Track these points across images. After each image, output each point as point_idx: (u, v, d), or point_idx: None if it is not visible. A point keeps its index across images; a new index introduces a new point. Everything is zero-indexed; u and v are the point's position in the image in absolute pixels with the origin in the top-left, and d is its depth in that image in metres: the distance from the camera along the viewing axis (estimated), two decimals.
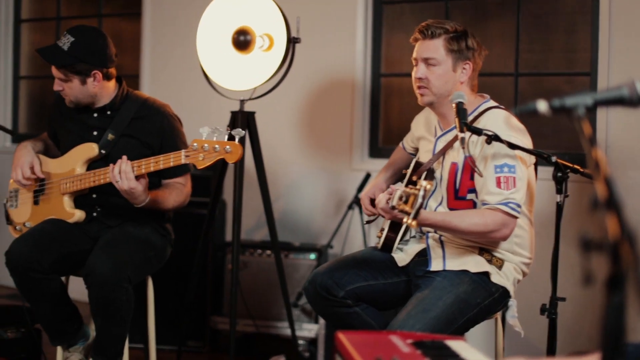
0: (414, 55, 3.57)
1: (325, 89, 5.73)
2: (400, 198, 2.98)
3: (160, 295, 4.42)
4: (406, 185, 3.60)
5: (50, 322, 3.99)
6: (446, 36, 3.50)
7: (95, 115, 4.10)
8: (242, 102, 4.61)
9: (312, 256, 5.20)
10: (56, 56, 3.97)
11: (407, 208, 2.93)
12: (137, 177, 3.77)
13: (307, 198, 5.78)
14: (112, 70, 4.06)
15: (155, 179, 4.03)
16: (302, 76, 5.51)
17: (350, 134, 5.63)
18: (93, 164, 4.05)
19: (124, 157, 3.79)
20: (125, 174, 3.76)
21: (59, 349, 4.06)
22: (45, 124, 4.42)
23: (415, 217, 2.90)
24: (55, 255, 3.89)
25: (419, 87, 3.55)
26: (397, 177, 3.98)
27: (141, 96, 4.17)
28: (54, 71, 4.01)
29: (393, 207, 3.03)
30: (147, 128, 4.05)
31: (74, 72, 3.96)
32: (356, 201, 5.24)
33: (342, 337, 2.38)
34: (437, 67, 3.50)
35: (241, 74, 4.56)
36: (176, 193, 4.04)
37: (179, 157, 3.71)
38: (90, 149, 4.04)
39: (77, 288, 4.29)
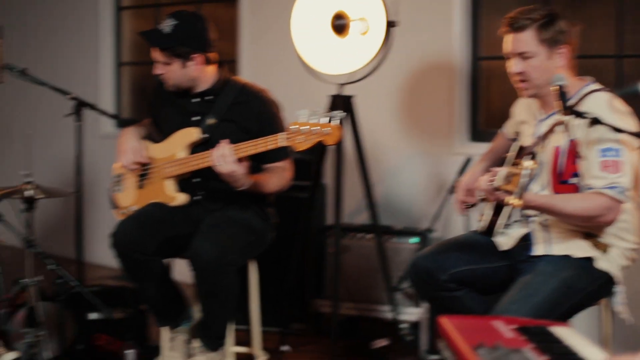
0: (506, 49, 3.48)
1: (424, 72, 5.69)
2: (505, 178, 2.94)
3: (263, 278, 4.46)
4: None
5: (156, 304, 4.08)
6: (535, 26, 3.36)
7: (195, 100, 4.15)
8: (341, 86, 4.62)
9: (414, 240, 5.18)
10: (158, 39, 4.02)
11: (511, 188, 2.90)
12: (238, 161, 3.81)
13: (408, 182, 5.76)
14: (213, 55, 4.09)
15: (256, 163, 4.06)
16: (400, 59, 5.48)
17: (449, 118, 5.59)
18: (195, 149, 4.10)
19: (224, 141, 3.83)
20: (225, 158, 3.80)
21: (165, 330, 4.14)
22: (147, 109, 4.49)
23: (519, 197, 2.86)
24: (159, 238, 3.96)
25: (519, 82, 3.47)
26: (496, 165, 3.91)
27: (240, 81, 4.20)
28: (155, 54, 4.06)
29: (496, 188, 2.99)
30: (246, 113, 4.08)
31: (174, 55, 4.01)
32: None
33: (444, 321, 2.38)
34: (533, 59, 3.38)
35: (339, 58, 4.57)
36: (277, 177, 4.07)
37: (278, 140, 3.74)
38: (191, 134, 4.09)
39: (182, 270, 4.36)
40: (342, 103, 4.60)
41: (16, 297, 4.89)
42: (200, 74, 4.07)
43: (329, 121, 3.64)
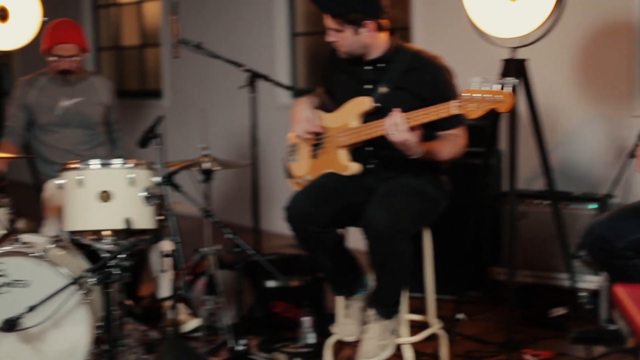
0: None
1: (600, 31, 5.51)
2: None
3: (438, 245, 4.44)
4: None
5: (331, 273, 4.11)
6: None
7: (368, 68, 4.14)
8: (513, 49, 4.52)
9: (593, 206, 5.04)
10: (330, 5, 4.02)
11: None
12: (411, 129, 3.79)
13: (585, 146, 5.61)
14: (385, 22, 4.07)
15: (430, 131, 4.03)
16: (575, 19, 5.32)
17: (629, 78, 5.40)
18: (367, 117, 4.10)
19: (396, 110, 3.81)
20: (398, 126, 3.78)
21: (340, 298, 4.18)
22: (319, 78, 4.52)
23: None
24: (332, 209, 3.98)
25: None
26: None
27: (412, 48, 4.16)
28: (328, 21, 4.06)
29: None
30: (420, 80, 4.05)
31: (347, 21, 4.00)
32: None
33: (619, 290, 2.30)
34: None
35: (511, 21, 4.48)
36: (450, 144, 4.02)
37: (450, 108, 3.70)
38: (364, 103, 4.08)
39: (356, 238, 4.39)
40: (515, 67, 4.51)
41: (196, 266, 5.06)
42: (373, 41, 4.05)
43: (502, 88, 3.57)
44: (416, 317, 4.36)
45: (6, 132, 5.26)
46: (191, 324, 4.74)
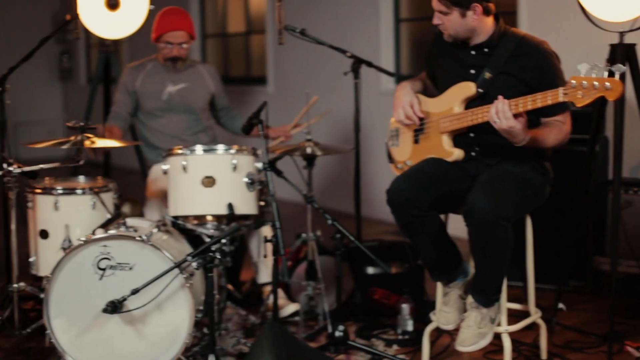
0: None
1: None
2: None
3: (539, 234, 4.37)
4: None
5: (430, 258, 4.09)
6: None
7: (473, 52, 4.10)
8: (622, 34, 4.42)
9: None
10: None
11: None
12: (516, 116, 3.74)
13: None
14: (491, 5, 4.02)
15: (534, 117, 3.97)
16: None
17: None
18: (471, 103, 4.06)
19: (500, 97, 3.77)
20: (503, 114, 3.74)
21: (439, 285, 4.16)
22: (423, 63, 4.49)
23: None
24: (434, 194, 3.97)
25: None
26: None
27: (518, 33, 4.11)
28: (435, 4, 4.03)
29: None
30: (525, 65, 3.99)
31: (454, 3, 3.97)
32: None
33: None
34: None
35: (620, 5, 4.37)
36: (556, 131, 3.96)
37: (557, 95, 3.63)
38: (468, 88, 4.05)
39: (457, 225, 4.36)
40: (623, 52, 4.41)
41: (297, 252, 5.09)
42: (479, 24, 4.01)
43: (610, 75, 3.49)
44: (516, 305, 4.32)
45: (112, 116, 5.38)
46: (289, 308, 4.78)
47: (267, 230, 4.75)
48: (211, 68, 5.56)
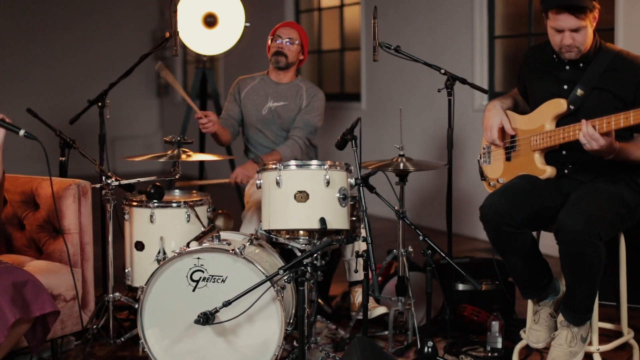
0: None
1: None
2: None
3: (633, 252, 4.31)
4: None
5: (521, 275, 4.07)
6: None
7: (567, 67, 4.08)
8: None
9: None
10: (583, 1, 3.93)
11: None
12: (605, 134, 3.71)
13: None
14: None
15: (627, 133, 3.94)
16: None
17: None
18: (562, 120, 4.04)
19: (584, 121, 3.76)
20: (590, 136, 3.73)
21: (530, 302, 4.13)
22: (516, 79, 4.48)
23: None
24: (527, 211, 3.95)
25: None
26: None
27: (614, 48, 4.07)
28: (568, 22, 3.91)
29: None
30: (621, 80, 3.96)
31: (590, 9, 3.90)
32: None
33: None
34: None
35: None
36: None
37: None
38: (559, 105, 4.03)
39: (548, 243, 4.32)
40: None
41: (388, 267, 5.10)
42: (591, 33, 3.99)
43: None
44: (607, 325, 4.26)
45: (221, 122, 5.46)
46: (378, 310, 4.78)
47: (359, 245, 4.78)
48: (314, 91, 5.49)
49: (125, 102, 12.01)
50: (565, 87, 4.05)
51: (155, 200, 4.60)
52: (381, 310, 4.78)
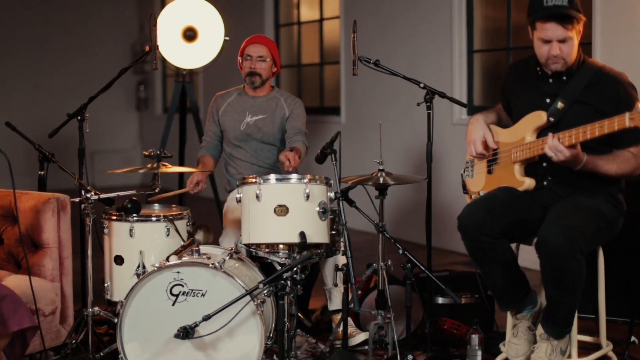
0: None
1: None
2: None
3: (612, 265, 4.33)
4: None
5: (499, 287, 4.09)
6: None
7: (551, 80, 4.10)
8: None
9: None
10: (568, 12, 3.92)
11: None
12: (573, 147, 3.75)
13: None
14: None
15: (607, 149, 3.96)
16: None
17: None
18: (543, 132, 4.06)
19: (550, 134, 3.80)
20: (555, 148, 3.78)
21: (509, 316, 4.14)
22: (500, 94, 4.51)
23: None
24: (505, 221, 3.97)
25: None
26: None
27: (597, 64, 4.11)
28: (556, 32, 3.94)
29: None
30: (603, 95, 3.99)
31: (578, 20, 3.94)
32: None
33: None
34: None
35: None
36: (621, 160, 3.94)
37: (623, 120, 3.61)
38: (539, 117, 4.06)
39: (527, 256, 4.34)
40: None
41: (368, 280, 5.10)
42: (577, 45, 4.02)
43: None
44: (587, 338, 4.28)
45: (203, 146, 5.45)
46: (358, 337, 4.79)
47: (341, 259, 4.78)
48: (293, 100, 5.49)
49: (104, 115, 11.98)
50: (548, 100, 4.08)
51: (133, 215, 4.59)
52: (361, 337, 4.77)
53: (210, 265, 4.05)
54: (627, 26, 6.10)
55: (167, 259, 4.19)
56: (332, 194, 4.29)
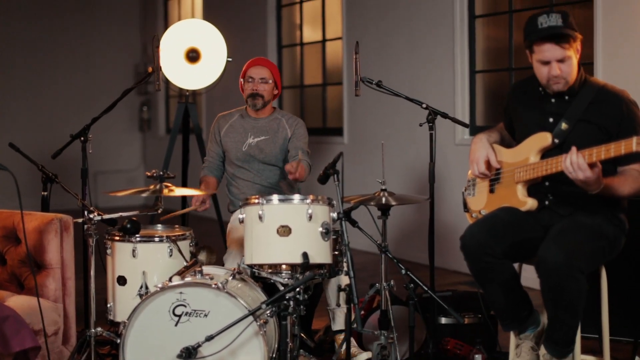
0: None
1: None
2: None
3: (615, 285, 4.32)
4: None
5: (501, 307, 4.09)
6: None
7: (553, 100, 4.11)
8: None
9: None
10: (564, 31, 3.95)
11: None
12: (591, 166, 3.73)
13: None
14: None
15: (610, 166, 3.96)
16: None
17: None
18: (547, 153, 4.07)
19: (573, 148, 3.77)
20: (577, 165, 3.74)
21: (512, 336, 4.13)
22: (502, 113, 4.51)
23: None
24: (508, 242, 3.98)
25: None
26: None
27: (598, 82, 4.12)
28: (554, 53, 3.97)
29: None
30: (606, 113, 4.00)
31: (574, 38, 3.96)
32: None
33: None
34: None
35: None
36: (631, 180, 3.94)
37: (630, 145, 3.61)
38: (544, 138, 4.06)
39: (529, 276, 4.34)
40: None
41: (370, 301, 5.10)
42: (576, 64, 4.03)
43: None
44: (590, 358, 4.27)
45: (206, 166, 5.46)
46: (361, 357, 4.78)
47: (344, 279, 4.77)
48: (295, 120, 5.49)
49: (107, 136, 11.99)
50: (551, 120, 4.09)
51: (136, 235, 4.59)
52: (364, 356, 4.76)
53: (213, 285, 4.05)
54: (629, 45, 6.12)
55: (170, 280, 4.19)
56: (334, 215, 4.29)
